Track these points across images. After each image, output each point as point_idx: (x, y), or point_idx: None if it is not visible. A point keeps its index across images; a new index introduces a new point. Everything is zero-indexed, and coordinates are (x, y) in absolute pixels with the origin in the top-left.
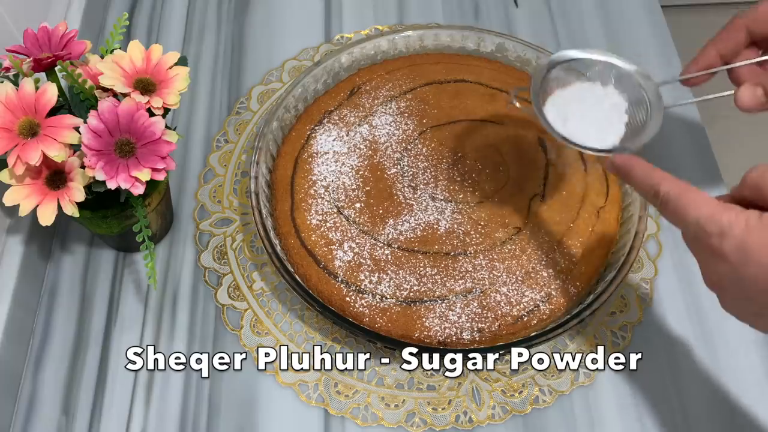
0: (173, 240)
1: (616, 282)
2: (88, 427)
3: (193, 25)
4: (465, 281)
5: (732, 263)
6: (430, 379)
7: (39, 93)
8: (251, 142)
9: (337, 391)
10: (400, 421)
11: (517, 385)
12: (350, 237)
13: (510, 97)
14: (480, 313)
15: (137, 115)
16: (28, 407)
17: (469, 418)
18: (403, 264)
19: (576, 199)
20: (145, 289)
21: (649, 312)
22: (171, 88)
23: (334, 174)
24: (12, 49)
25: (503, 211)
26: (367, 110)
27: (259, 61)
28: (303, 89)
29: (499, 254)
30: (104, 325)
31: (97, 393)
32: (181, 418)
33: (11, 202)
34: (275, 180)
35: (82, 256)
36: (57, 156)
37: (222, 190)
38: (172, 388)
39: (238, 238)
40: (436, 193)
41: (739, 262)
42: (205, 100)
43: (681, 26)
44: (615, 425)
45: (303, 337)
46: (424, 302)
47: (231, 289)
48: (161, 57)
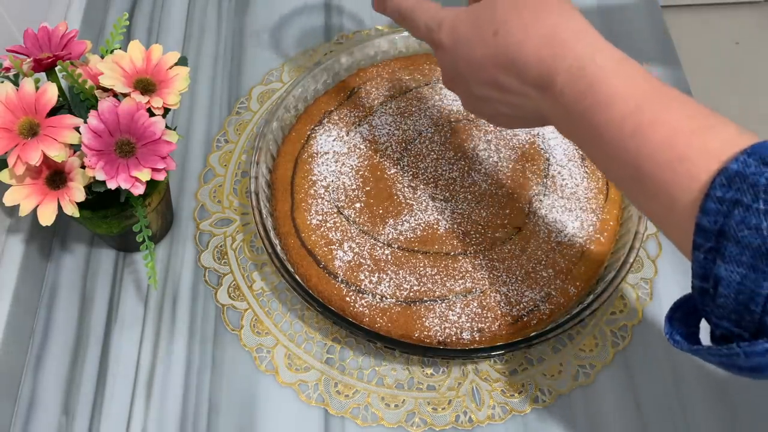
0: (173, 240)
1: (616, 282)
2: (88, 427)
3: (193, 25)
4: (465, 281)
5: (448, 48)
6: (430, 379)
7: (39, 93)
8: (251, 142)
9: (337, 391)
10: (400, 421)
11: (517, 385)
12: (350, 237)
13: None
14: (480, 313)
15: (137, 115)
16: (28, 407)
17: (469, 418)
18: (403, 264)
19: (575, 199)
20: (145, 289)
21: (649, 312)
22: (171, 88)
23: (334, 174)
24: (12, 49)
25: (503, 211)
26: (367, 110)
27: (259, 61)
28: (303, 89)
29: (499, 254)
30: (104, 325)
31: (97, 393)
32: (181, 418)
33: (11, 202)
34: (275, 180)
35: (82, 256)
36: (57, 156)
37: (222, 190)
38: (172, 388)
39: (238, 238)
40: (436, 193)
41: (452, 45)
42: (205, 100)
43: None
44: (615, 425)
45: (303, 337)
46: (424, 302)
47: (231, 289)
48: (161, 57)
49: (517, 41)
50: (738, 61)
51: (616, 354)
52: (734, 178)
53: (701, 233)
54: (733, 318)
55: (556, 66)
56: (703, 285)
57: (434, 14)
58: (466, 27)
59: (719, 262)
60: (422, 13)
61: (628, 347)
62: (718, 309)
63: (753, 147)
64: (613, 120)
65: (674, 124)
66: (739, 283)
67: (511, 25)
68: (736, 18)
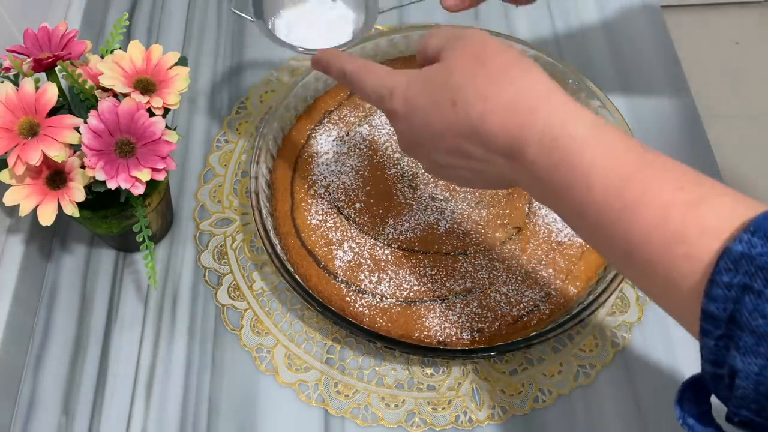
0: (173, 240)
1: (616, 282)
2: (88, 427)
3: (193, 25)
4: (465, 281)
5: (403, 117)
6: (430, 379)
7: (39, 93)
8: (251, 142)
9: (337, 391)
10: (400, 421)
11: (517, 385)
12: (350, 237)
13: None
14: (480, 313)
15: (137, 115)
16: (28, 407)
17: (469, 418)
18: (403, 264)
19: None
20: (145, 289)
21: (649, 312)
22: (171, 88)
23: (334, 174)
24: (12, 49)
25: (503, 211)
26: (367, 110)
27: (259, 61)
28: (303, 89)
29: (499, 254)
30: (104, 325)
31: (97, 393)
32: (181, 417)
33: (11, 202)
34: (275, 180)
35: (82, 256)
36: (57, 156)
37: (222, 190)
38: (172, 388)
39: (238, 238)
40: (436, 193)
41: (407, 114)
42: (205, 100)
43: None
44: (615, 425)
45: (303, 337)
46: (424, 302)
47: (231, 289)
48: (161, 57)
49: (478, 112)
50: (738, 61)
51: (616, 354)
52: (740, 260)
53: (709, 320)
54: (753, 408)
55: (525, 136)
56: (717, 371)
57: (384, 80)
58: (421, 96)
59: (734, 352)
60: (370, 77)
61: (628, 347)
62: (736, 399)
63: (755, 222)
64: (596, 198)
65: (664, 199)
66: (758, 374)
67: (470, 95)
68: (736, 18)
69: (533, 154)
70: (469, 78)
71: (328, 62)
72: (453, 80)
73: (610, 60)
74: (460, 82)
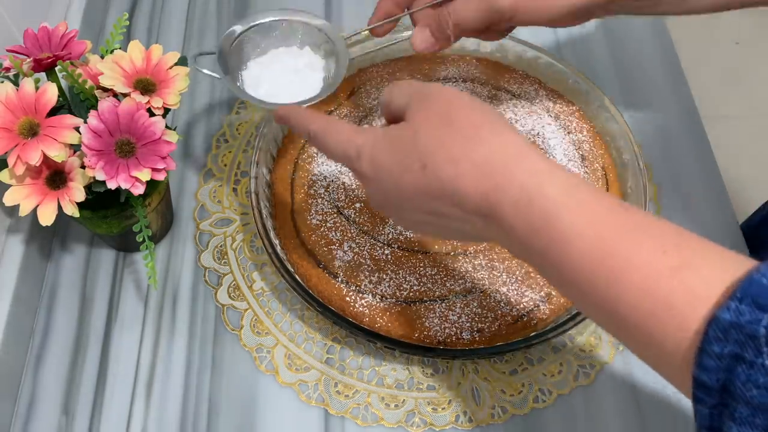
0: (173, 240)
1: None
2: (88, 427)
3: (193, 25)
4: (465, 281)
5: (371, 179)
6: (430, 379)
7: (39, 93)
8: (251, 142)
9: (337, 391)
10: (400, 421)
11: (517, 385)
12: (350, 237)
13: (191, 61)
14: (480, 313)
15: (137, 115)
16: (28, 407)
17: (469, 418)
18: (403, 264)
19: None
20: (145, 289)
21: None
22: (171, 88)
23: (334, 174)
24: (12, 49)
25: None
26: (367, 110)
27: None
28: None
29: (499, 254)
30: (104, 325)
31: (97, 393)
32: (181, 417)
33: (11, 202)
34: (275, 180)
35: (82, 256)
36: (57, 156)
37: (222, 190)
38: (172, 387)
39: (238, 238)
40: None
41: (375, 176)
42: (205, 100)
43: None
44: (615, 425)
45: (303, 337)
46: (424, 302)
47: (231, 289)
48: (161, 57)
49: (450, 176)
50: (738, 61)
51: (616, 354)
52: (729, 330)
53: (702, 389)
54: None
55: (500, 199)
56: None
57: (350, 140)
58: (389, 159)
59: (729, 422)
60: (335, 136)
61: None
62: None
63: (741, 288)
64: (578, 266)
65: (650, 265)
66: None
67: (440, 158)
68: (736, 18)
69: (510, 217)
70: (437, 140)
71: (290, 121)
72: (421, 143)
73: (610, 60)
74: (428, 145)
